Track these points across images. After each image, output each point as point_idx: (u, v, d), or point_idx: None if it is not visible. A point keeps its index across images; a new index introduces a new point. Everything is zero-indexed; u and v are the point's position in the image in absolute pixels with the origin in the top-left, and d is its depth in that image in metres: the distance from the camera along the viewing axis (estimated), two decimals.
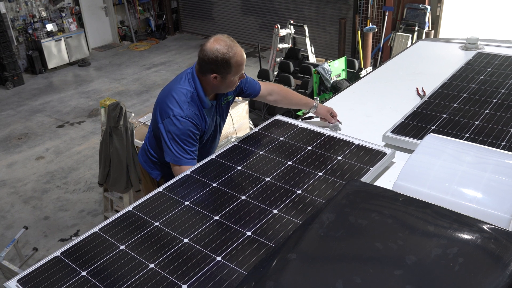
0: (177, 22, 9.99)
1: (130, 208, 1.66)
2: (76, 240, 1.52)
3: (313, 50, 6.33)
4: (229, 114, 3.98)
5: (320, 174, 1.78)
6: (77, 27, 8.44)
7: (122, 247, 1.47)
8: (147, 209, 1.65)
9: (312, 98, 5.21)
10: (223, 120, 2.39)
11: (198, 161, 2.23)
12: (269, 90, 2.45)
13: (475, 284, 1.02)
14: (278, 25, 6.24)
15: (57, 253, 1.47)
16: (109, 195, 3.97)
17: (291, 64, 5.87)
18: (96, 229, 1.57)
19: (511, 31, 5.74)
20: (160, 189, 1.76)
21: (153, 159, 2.44)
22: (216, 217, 1.57)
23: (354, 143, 1.97)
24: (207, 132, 2.26)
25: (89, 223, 4.14)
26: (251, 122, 4.62)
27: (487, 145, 1.87)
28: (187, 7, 9.78)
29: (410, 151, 1.85)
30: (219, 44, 2.00)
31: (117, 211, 3.91)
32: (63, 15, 8.23)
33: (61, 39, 8.03)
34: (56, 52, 8.02)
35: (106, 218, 3.96)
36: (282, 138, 2.05)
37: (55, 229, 4.10)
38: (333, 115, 2.32)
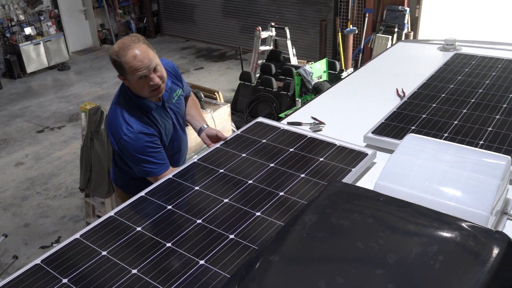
0: (158, 25, 9.94)
1: (112, 213, 1.65)
2: (57, 247, 1.50)
3: (294, 52, 6.37)
4: (211, 116, 3.99)
5: (303, 175, 1.78)
6: (56, 30, 8.33)
7: (104, 253, 1.45)
8: (129, 214, 1.63)
9: (294, 100, 5.27)
10: (180, 116, 2.36)
11: (171, 163, 2.24)
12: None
13: (455, 281, 1.04)
14: (260, 28, 6.25)
15: (38, 260, 1.45)
16: (90, 200, 3.93)
17: (272, 66, 5.89)
18: (77, 235, 1.54)
19: (487, 32, 5.85)
20: (142, 193, 1.75)
21: (124, 176, 2.42)
22: (199, 221, 1.57)
23: (336, 144, 1.98)
24: (166, 133, 2.24)
25: (71, 229, 4.09)
26: (233, 125, 4.62)
27: (465, 144, 1.90)
28: (168, 10, 9.74)
29: (391, 151, 1.87)
30: (118, 44, 2.03)
31: (99, 217, 3.86)
32: (42, 18, 8.11)
33: (40, 43, 7.92)
34: (35, 56, 7.90)
35: (88, 224, 3.91)
36: (264, 140, 2.05)
37: (35, 236, 4.03)
38: (219, 137, 2.22)
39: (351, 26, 6.81)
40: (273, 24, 6.45)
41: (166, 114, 2.24)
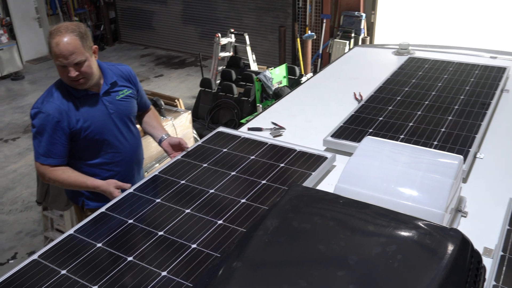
0: (116, 33, 9.76)
1: (71, 231, 1.60)
2: (14, 270, 1.44)
3: (254, 58, 6.40)
4: (172, 124, 3.95)
5: (264, 182, 1.79)
6: (9, 39, 8.05)
7: (64, 271, 1.41)
8: (89, 231, 1.59)
9: (255, 105, 5.29)
10: (124, 115, 2.29)
11: (102, 161, 2.22)
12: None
13: (413, 278, 1.07)
14: (219, 34, 6.25)
15: None
16: (49, 213, 3.80)
17: (233, 72, 5.90)
18: (35, 256, 1.49)
19: (439, 36, 6.08)
20: (103, 209, 1.71)
21: None
22: (161, 233, 1.54)
23: (296, 150, 2.00)
24: (96, 125, 2.16)
25: (28, 244, 3.94)
26: (195, 132, 4.59)
27: (420, 145, 1.96)
28: (125, 17, 9.59)
29: (350, 154, 1.90)
30: (57, 25, 2.06)
31: (58, 230, 3.74)
32: None
33: None
34: None
35: (46, 238, 3.78)
36: (225, 150, 2.04)
37: None
38: (182, 145, 2.21)
39: (309, 31, 6.92)
40: (232, 30, 6.46)
41: (99, 106, 2.19)
